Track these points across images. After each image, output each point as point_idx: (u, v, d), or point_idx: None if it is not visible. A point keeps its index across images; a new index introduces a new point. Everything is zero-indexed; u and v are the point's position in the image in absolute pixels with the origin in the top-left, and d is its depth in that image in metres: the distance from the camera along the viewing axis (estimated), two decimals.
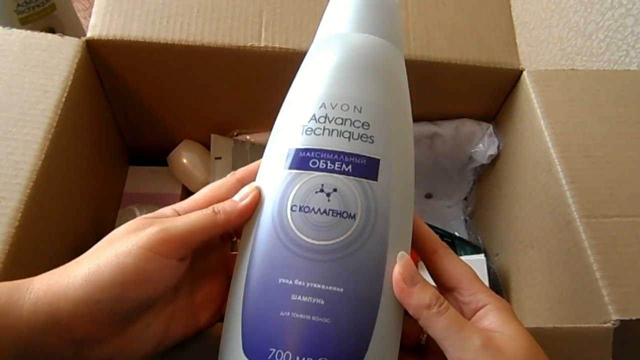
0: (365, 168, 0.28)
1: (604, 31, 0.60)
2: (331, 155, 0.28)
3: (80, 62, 0.43)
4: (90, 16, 0.46)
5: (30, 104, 0.40)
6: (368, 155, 0.28)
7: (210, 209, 0.29)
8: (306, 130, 0.29)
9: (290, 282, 0.26)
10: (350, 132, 0.28)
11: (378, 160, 0.28)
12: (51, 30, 0.64)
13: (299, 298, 0.26)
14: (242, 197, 0.29)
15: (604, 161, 0.43)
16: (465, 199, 0.64)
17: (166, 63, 0.48)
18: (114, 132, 0.56)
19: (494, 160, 0.57)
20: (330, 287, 0.26)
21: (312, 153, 0.28)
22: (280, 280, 0.27)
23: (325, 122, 0.29)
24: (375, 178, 0.28)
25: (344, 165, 0.28)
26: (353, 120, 0.29)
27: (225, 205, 0.29)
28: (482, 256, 0.52)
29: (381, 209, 0.28)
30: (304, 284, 0.26)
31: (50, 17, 0.63)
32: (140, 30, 0.46)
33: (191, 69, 0.49)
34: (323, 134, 0.28)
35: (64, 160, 0.42)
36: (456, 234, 0.61)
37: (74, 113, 0.43)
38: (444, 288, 0.30)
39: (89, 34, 0.45)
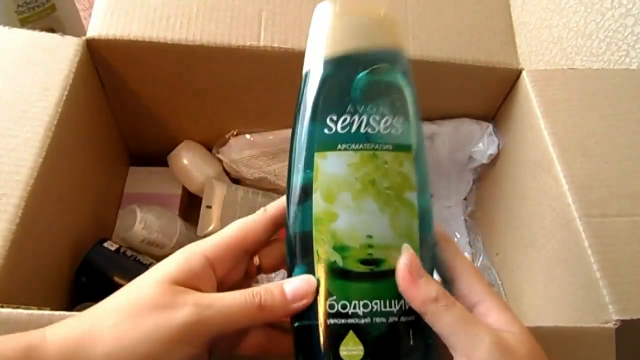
0: None
1: (604, 31, 0.59)
2: None
3: (81, 61, 0.43)
4: (89, 16, 0.46)
5: (31, 102, 0.40)
6: None
7: (253, 298, 0.26)
8: None
9: None
10: None
11: None
12: (51, 30, 0.64)
13: None
14: (295, 298, 0.26)
15: (603, 160, 0.43)
16: (465, 198, 0.64)
17: (166, 63, 0.48)
18: (114, 131, 0.56)
19: (494, 159, 0.57)
20: None
21: None
22: None
23: None
24: None
25: None
26: None
27: (275, 302, 0.26)
28: None
29: None
30: None
31: (50, 18, 0.63)
32: (140, 30, 0.46)
33: (191, 69, 0.49)
34: None
35: (65, 158, 0.42)
36: (456, 233, 0.60)
37: (74, 111, 0.43)
38: (442, 280, 0.29)
39: (89, 34, 0.45)
